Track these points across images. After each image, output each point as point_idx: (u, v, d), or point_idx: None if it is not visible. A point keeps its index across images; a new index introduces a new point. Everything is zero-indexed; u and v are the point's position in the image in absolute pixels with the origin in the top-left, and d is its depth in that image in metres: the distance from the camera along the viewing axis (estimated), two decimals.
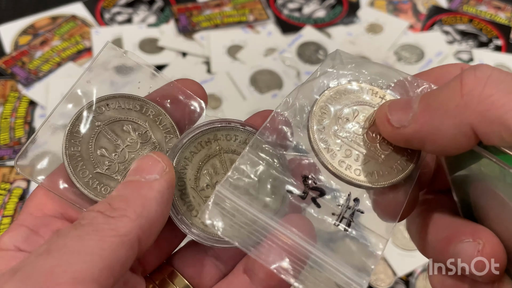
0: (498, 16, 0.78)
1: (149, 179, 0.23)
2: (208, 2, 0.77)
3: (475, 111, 0.20)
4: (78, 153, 0.26)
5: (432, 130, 0.21)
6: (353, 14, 0.77)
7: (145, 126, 0.28)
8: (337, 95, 0.27)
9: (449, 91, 0.21)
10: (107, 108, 0.27)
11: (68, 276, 0.19)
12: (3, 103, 0.66)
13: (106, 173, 0.26)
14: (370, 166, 0.25)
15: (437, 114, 0.21)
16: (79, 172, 0.26)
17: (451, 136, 0.21)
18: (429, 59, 0.71)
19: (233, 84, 0.67)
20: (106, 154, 0.27)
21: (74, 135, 0.26)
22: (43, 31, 0.74)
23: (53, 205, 0.25)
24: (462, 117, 0.20)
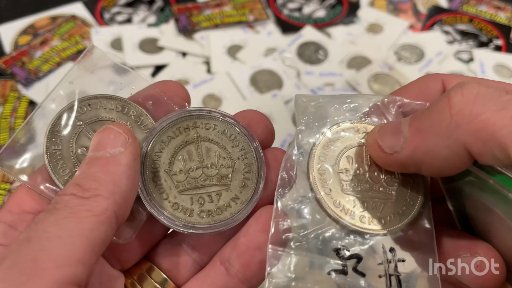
0: (498, 16, 0.78)
1: (114, 153, 0.23)
2: (208, 2, 0.77)
3: (467, 131, 0.19)
4: (59, 151, 0.26)
5: (426, 153, 0.21)
6: (353, 14, 0.76)
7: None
8: (325, 151, 0.26)
9: (438, 112, 0.20)
10: (88, 108, 0.28)
11: (52, 261, 0.19)
12: (3, 103, 0.66)
13: None
14: (388, 208, 0.25)
15: (429, 136, 0.21)
16: (59, 170, 0.26)
17: (446, 157, 0.20)
18: (429, 59, 0.71)
19: (233, 84, 0.67)
20: (86, 153, 0.27)
21: (55, 134, 0.26)
22: (43, 31, 0.74)
23: (32, 202, 0.26)
24: (454, 138, 0.20)
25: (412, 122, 0.22)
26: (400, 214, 0.25)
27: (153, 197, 0.26)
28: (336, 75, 0.69)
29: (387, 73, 0.68)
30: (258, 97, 0.65)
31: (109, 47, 0.71)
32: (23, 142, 0.27)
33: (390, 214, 0.25)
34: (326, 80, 0.68)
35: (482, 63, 0.70)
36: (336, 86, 0.67)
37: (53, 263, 0.19)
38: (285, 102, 0.65)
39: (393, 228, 0.24)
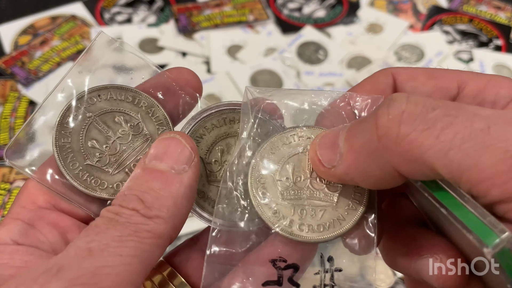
0: (498, 16, 0.78)
1: (178, 170, 0.22)
2: (208, 2, 0.77)
3: (395, 153, 0.19)
4: (68, 144, 0.25)
5: (359, 172, 0.21)
6: (353, 14, 0.76)
7: (137, 118, 0.27)
8: (267, 158, 0.25)
9: (367, 132, 0.20)
10: (98, 99, 0.27)
11: (110, 280, 0.19)
12: (3, 103, 0.66)
13: (97, 165, 0.26)
14: (329, 214, 0.24)
15: (361, 156, 0.21)
16: (69, 164, 0.25)
17: (379, 176, 0.20)
18: (429, 59, 0.71)
19: (233, 84, 0.67)
20: (97, 145, 0.26)
21: (64, 126, 0.26)
22: (43, 31, 0.74)
23: (44, 196, 0.25)
24: (384, 160, 0.19)
25: (347, 138, 0.21)
26: (340, 220, 0.24)
27: None
28: (336, 75, 0.69)
29: None
30: None
31: None
32: (31, 135, 0.26)
33: (330, 220, 0.24)
34: (326, 80, 0.68)
35: (482, 63, 0.70)
36: (336, 86, 0.67)
37: (112, 283, 0.19)
38: None
39: (332, 235, 0.24)
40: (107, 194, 0.25)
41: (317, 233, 0.24)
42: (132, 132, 0.27)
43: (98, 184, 0.25)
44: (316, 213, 0.24)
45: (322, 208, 0.24)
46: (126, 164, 0.26)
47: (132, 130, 0.27)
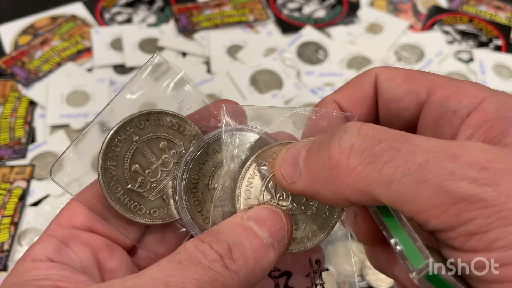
0: (498, 16, 0.78)
1: (269, 243, 0.23)
2: (208, 2, 0.77)
3: (344, 183, 0.20)
4: (114, 167, 0.25)
5: (315, 192, 0.22)
6: (353, 14, 0.77)
7: (181, 146, 0.27)
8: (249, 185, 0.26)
9: (321, 160, 0.21)
10: (147, 123, 0.27)
11: None
12: (3, 103, 0.66)
13: (138, 190, 0.26)
14: (309, 226, 0.26)
15: (316, 180, 0.22)
16: (112, 187, 0.25)
17: (332, 199, 0.22)
18: (429, 59, 0.71)
19: (233, 84, 0.67)
20: (139, 170, 0.26)
21: (112, 148, 0.26)
22: (43, 31, 0.74)
23: (81, 217, 0.25)
24: (335, 186, 0.21)
25: (306, 159, 0.23)
26: (320, 228, 0.26)
27: (187, 208, 0.26)
28: (336, 75, 0.69)
29: None
30: (258, 97, 0.65)
31: (109, 47, 0.71)
32: (77, 154, 0.26)
33: (311, 230, 0.26)
34: (326, 80, 0.68)
35: (482, 63, 0.70)
36: (336, 85, 0.67)
37: None
38: (285, 102, 0.65)
39: (314, 243, 0.26)
40: (144, 219, 0.26)
41: (301, 244, 0.26)
42: (174, 160, 0.27)
43: (137, 209, 0.26)
44: (299, 226, 0.26)
45: (304, 221, 0.26)
46: (165, 191, 0.27)
47: (174, 157, 0.27)
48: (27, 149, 0.62)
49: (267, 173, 0.26)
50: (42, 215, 0.56)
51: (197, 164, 0.27)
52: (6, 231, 0.55)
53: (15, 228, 0.55)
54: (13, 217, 0.56)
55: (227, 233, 0.23)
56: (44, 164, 0.60)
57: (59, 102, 0.65)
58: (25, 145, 0.62)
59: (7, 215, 0.56)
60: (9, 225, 0.55)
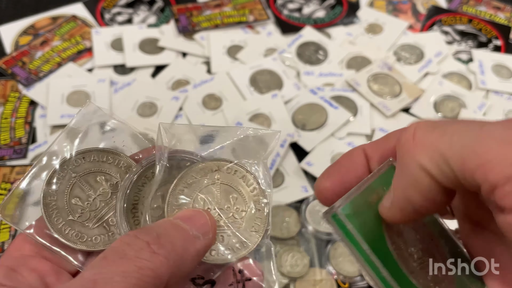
0: (498, 16, 0.78)
1: (195, 235, 0.25)
2: (208, 3, 0.77)
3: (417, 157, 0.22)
4: (54, 202, 0.28)
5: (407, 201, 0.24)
6: (353, 15, 0.77)
7: (117, 177, 0.30)
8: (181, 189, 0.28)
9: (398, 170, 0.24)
10: (83, 160, 0.30)
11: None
12: (4, 103, 0.66)
13: (78, 220, 0.29)
14: (235, 238, 0.28)
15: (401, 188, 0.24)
16: (53, 219, 0.28)
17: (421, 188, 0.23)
18: (428, 59, 0.71)
19: (233, 84, 0.67)
20: (79, 202, 0.29)
21: (51, 186, 0.29)
22: (44, 31, 0.74)
23: (30, 246, 0.28)
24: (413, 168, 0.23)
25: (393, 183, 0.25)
26: (245, 243, 0.28)
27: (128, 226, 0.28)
28: (336, 75, 0.69)
29: (386, 73, 0.68)
30: (258, 97, 0.65)
31: (109, 47, 0.72)
32: (22, 193, 0.30)
33: (238, 243, 0.28)
34: (325, 80, 0.68)
35: (481, 63, 0.70)
36: (336, 86, 0.68)
37: None
38: (285, 102, 0.65)
39: (236, 257, 0.28)
40: (86, 246, 0.28)
41: (223, 256, 0.28)
42: (111, 190, 0.30)
43: (79, 237, 0.28)
44: (224, 238, 0.28)
45: (229, 234, 0.28)
46: (105, 219, 0.29)
47: (111, 188, 0.30)
48: (28, 149, 0.62)
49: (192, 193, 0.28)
50: None
51: (136, 186, 0.29)
52: (6, 231, 0.55)
53: (15, 228, 0.55)
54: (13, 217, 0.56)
55: (154, 227, 0.25)
56: None
57: (60, 102, 0.65)
58: (25, 145, 0.62)
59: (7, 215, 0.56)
60: (9, 225, 0.55)
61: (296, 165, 0.60)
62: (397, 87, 0.67)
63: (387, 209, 0.24)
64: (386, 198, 0.25)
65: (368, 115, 0.64)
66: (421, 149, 0.21)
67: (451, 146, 0.20)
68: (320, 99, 0.65)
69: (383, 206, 0.25)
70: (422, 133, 0.22)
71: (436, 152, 0.21)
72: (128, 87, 0.67)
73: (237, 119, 0.63)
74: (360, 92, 0.66)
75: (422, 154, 0.21)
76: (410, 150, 0.22)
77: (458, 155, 0.20)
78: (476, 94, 0.67)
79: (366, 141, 0.62)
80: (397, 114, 0.65)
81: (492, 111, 0.66)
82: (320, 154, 0.60)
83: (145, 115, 0.64)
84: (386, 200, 0.25)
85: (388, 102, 0.65)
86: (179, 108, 0.65)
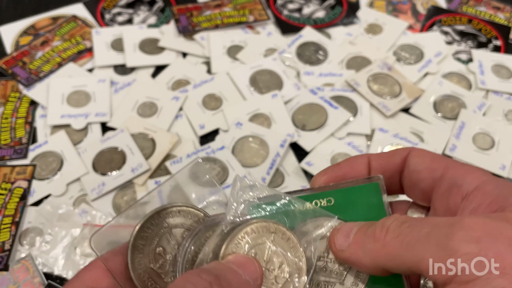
0: (497, 16, 0.78)
1: (247, 280, 0.27)
2: (208, 3, 0.77)
3: (380, 253, 0.26)
4: (142, 246, 0.29)
5: (357, 259, 0.28)
6: (353, 15, 0.77)
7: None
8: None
9: (367, 236, 0.27)
10: (178, 214, 0.30)
11: None
12: (4, 103, 0.66)
13: (158, 270, 0.29)
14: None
15: (360, 250, 0.27)
16: (136, 263, 0.28)
17: (369, 266, 0.27)
18: (428, 59, 0.71)
19: (233, 84, 0.67)
20: (162, 253, 0.29)
21: (144, 229, 0.29)
22: (44, 31, 0.74)
23: (108, 280, 0.28)
24: (374, 256, 0.26)
25: (357, 233, 0.28)
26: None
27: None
28: (335, 75, 0.69)
29: (386, 73, 0.68)
30: (258, 97, 0.66)
31: (109, 47, 0.72)
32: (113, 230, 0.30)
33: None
34: (325, 80, 0.68)
35: (481, 63, 0.71)
36: (336, 86, 0.68)
37: None
38: (285, 102, 0.65)
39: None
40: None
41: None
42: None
43: (153, 287, 0.29)
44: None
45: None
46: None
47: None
48: (28, 149, 0.62)
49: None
50: (43, 215, 0.56)
51: (203, 237, 0.29)
52: (7, 230, 0.55)
53: (16, 228, 0.55)
54: (14, 216, 0.56)
55: (211, 268, 0.26)
56: (45, 164, 0.60)
57: (60, 102, 0.65)
58: (26, 145, 0.62)
59: (8, 215, 0.56)
60: (10, 225, 0.55)
61: (296, 165, 0.60)
62: (397, 87, 0.67)
63: (339, 246, 0.28)
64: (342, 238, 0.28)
65: (368, 115, 0.64)
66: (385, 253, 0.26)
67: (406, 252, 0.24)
68: (320, 99, 0.65)
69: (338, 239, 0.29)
70: (389, 238, 0.26)
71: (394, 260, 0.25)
72: (128, 87, 0.67)
73: (237, 119, 0.63)
74: (360, 92, 0.66)
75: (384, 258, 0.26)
76: (378, 248, 0.26)
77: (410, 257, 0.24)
78: (476, 94, 0.67)
79: (366, 141, 0.62)
80: (397, 114, 0.65)
81: (492, 111, 0.66)
82: (320, 154, 0.60)
83: (145, 115, 0.64)
84: (343, 239, 0.28)
85: (388, 102, 0.65)
86: (179, 108, 0.65)
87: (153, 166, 0.59)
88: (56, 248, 0.53)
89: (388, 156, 0.31)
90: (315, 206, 0.31)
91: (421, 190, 0.30)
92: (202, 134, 0.63)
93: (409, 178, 0.30)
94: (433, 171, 0.29)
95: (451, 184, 0.28)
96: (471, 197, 0.27)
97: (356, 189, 0.30)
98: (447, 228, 0.23)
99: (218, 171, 0.58)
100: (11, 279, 0.52)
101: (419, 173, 0.30)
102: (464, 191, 0.27)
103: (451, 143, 0.62)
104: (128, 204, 0.57)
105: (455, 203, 0.27)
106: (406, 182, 0.31)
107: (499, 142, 0.62)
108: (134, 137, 0.61)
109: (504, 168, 0.60)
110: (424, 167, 0.30)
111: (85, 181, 0.58)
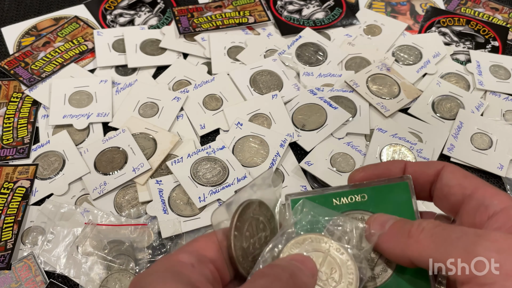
0: (495, 17, 0.79)
1: (307, 275, 0.29)
2: (209, 4, 0.78)
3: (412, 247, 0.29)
4: (239, 226, 0.31)
5: (388, 247, 0.31)
6: (352, 16, 0.77)
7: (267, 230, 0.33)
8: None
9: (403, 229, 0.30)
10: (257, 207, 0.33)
11: None
12: (7, 103, 0.67)
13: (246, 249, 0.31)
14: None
15: (393, 240, 0.30)
16: (235, 238, 0.31)
17: (398, 255, 0.30)
18: (427, 60, 0.71)
19: (233, 84, 0.68)
20: (249, 237, 0.32)
21: (242, 214, 0.31)
22: (46, 32, 0.75)
23: (212, 253, 0.30)
24: (404, 248, 0.29)
25: (394, 225, 0.31)
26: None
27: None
28: (335, 76, 0.70)
29: (385, 74, 0.69)
30: (258, 98, 0.66)
31: (111, 48, 0.72)
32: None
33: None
34: (325, 81, 0.69)
35: (479, 64, 0.71)
36: (335, 86, 0.68)
37: None
38: (285, 102, 0.66)
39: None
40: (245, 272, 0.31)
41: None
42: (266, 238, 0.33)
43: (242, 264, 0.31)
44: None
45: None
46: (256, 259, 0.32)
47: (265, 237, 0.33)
48: (30, 149, 0.62)
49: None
50: (45, 214, 0.56)
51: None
52: (9, 229, 0.55)
53: (18, 227, 0.55)
54: (16, 216, 0.56)
55: (280, 263, 0.29)
56: (47, 163, 0.61)
57: (62, 102, 0.66)
58: (28, 145, 0.63)
59: (10, 214, 0.56)
60: (12, 224, 0.56)
61: (296, 165, 0.61)
62: (396, 88, 0.68)
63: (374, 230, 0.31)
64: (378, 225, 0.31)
65: (367, 115, 0.65)
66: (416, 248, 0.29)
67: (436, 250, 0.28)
68: (319, 100, 0.65)
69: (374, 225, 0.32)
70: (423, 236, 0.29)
71: (423, 256, 0.28)
72: (130, 88, 0.68)
73: (237, 119, 0.63)
74: (359, 92, 0.66)
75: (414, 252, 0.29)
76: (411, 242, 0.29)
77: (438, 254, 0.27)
78: (474, 95, 0.68)
79: (366, 141, 0.63)
80: (396, 114, 0.66)
81: (490, 111, 0.66)
82: (320, 154, 0.61)
83: (146, 115, 0.65)
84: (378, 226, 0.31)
85: (386, 102, 0.66)
86: (180, 108, 0.65)
87: (154, 166, 0.60)
88: (58, 247, 0.54)
89: (424, 166, 0.34)
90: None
91: (450, 203, 0.33)
92: (203, 134, 0.64)
93: (441, 190, 0.33)
94: (464, 188, 0.32)
95: (479, 203, 0.31)
96: (496, 217, 0.29)
97: (388, 187, 0.34)
98: (475, 237, 0.27)
99: (219, 171, 0.59)
100: (13, 277, 0.52)
101: (450, 187, 0.32)
102: (491, 211, 0.30)
103: (449, 143, 0.62)
104: (129, 203, 0.58)
105: (481, 221, 0.30)
106: (437, 193, 0.33)
107: (497, 142, 0.63)
108: (136, 137, 0.62)
109: (501, 168, 0.61)
110: (456, 183, 0.32)
111: (87, 180, 0.59)
